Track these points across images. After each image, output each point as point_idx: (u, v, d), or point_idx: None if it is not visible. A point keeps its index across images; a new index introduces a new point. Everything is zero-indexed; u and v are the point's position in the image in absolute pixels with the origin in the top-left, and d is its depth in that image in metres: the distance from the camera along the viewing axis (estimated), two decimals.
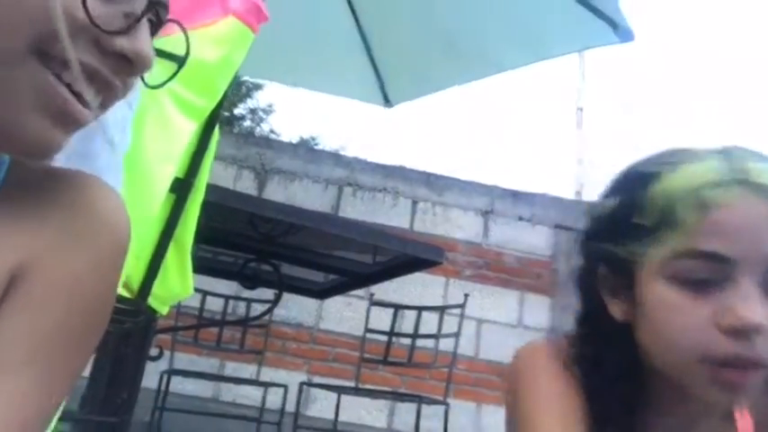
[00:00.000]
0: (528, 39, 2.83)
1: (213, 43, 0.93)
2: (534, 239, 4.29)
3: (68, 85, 0.44)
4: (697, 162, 0.64)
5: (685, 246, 0.62)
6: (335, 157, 4.61)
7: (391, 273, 2.09)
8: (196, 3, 0.89)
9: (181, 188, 1.05)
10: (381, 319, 3.12)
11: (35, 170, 0.52)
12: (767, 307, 0.60)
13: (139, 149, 0.82)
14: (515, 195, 4.38)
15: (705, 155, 0.65)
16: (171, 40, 0.54)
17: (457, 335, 2.73)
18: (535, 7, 2.65)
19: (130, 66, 0.46)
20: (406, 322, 2.98)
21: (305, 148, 5.24)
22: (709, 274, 0.61)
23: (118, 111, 0.72)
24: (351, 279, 2.27)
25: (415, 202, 4.25)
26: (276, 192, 4.11)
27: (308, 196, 4.14)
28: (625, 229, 0.67)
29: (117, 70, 0.46)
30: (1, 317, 0.46)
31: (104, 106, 0.48)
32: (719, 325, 0.60)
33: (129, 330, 1.24)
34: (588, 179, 4.88)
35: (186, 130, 0.95)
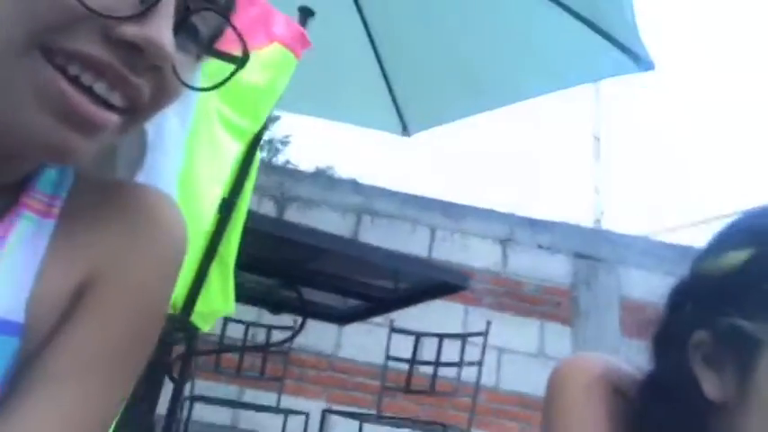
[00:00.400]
0: (546, 68, 2.86)
1: (259, 68, 0.96)
2: (553, 268, 4.26)
3: (76, 82, 0.40)
4: None
5: None
6: (353, 185, 4.65)
7: (413, 298, 2.09)
8: (242, 29, 0.92)
9: (225, 207, 1.07)
10: (402, 346, 3.10)
11: (99, 182, 0.52)
12: None
13: (191, 169, 0.84)
14: (534, 223, 4.37)
15: None
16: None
17: (480, 363, 2.70)
18: (553, 36, 2.68)
19: (141, 55, 0.41)
20: (427, 350, 2.95)
21: (323, 177, 5.29)
22: None
23: (173, 128, 0.74)
24: (372, 304, 2.27)
25: (432, 230, 4.26)
26: (295, 219, 4.14)
27: (327, 224, 4.16)
28: (756, 296, 0.53)
29: (129, 62, 0.41)
30: (70, 325, 0.46)
31: (135, 110, 0.44)
32: None
33: (172, 345, 1.25)
34: (607, 207, 4.86)
35: (233, 151, 0.98)
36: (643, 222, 4.95)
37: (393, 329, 2.98)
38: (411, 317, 3.45)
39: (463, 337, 2.77)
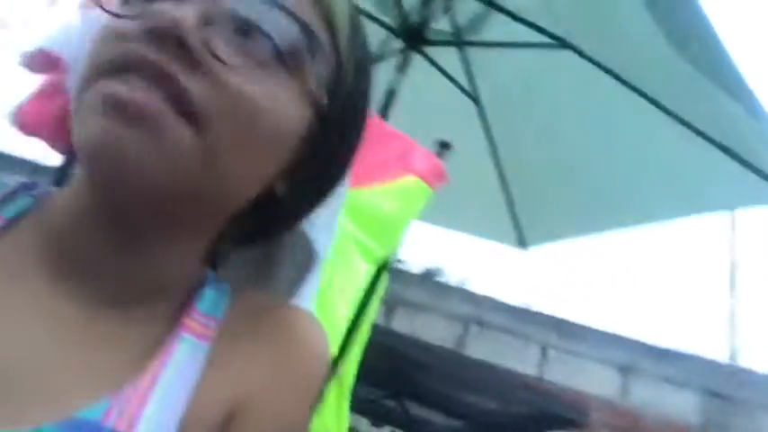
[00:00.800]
0: (678, 192, 2.73)
1: (394, 197, 1.00)
2: (680, 403, 3.85)
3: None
4: None
5: None
6: (462, 293, 4.58)
7: (522, 427, 1.95)
8: (381, 162, 0.97)
9: (350, 328, 1.08)
10: None
11: (256, 302, 0.53)
12: None
13: (328, 287, 0.87)
14: (660, 353, 4.02)
15: None
16: (358, 193, 0.58)
17: None
18: (687, 160, 2.57)
19: (160, 32, 0.40)
20: None
21: (432, 282, 5.28)
22: None
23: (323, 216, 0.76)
24: (476, 428, 2.15)
25: (544, 348, 4.05)
26: (402, 324, 4.11)
27: (433, 330, 4.09)
28: None
29: (152, 42, 0.40)
30: None
31: (194, 117, 0.40)
32: None
33: None
34: (743, 343, 4.39)
35: (362, 273, 1.00)
36: None
37: None
38: None
39: None
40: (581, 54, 2.43)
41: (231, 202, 0.47)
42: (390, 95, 1.68)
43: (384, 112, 1.62)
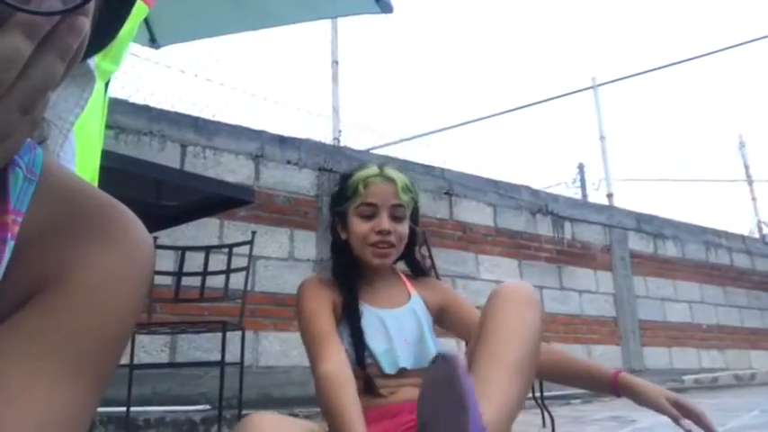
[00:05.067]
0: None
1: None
2: (301, 180, 4.68)
3: None
4: (360, 170, 1.46)
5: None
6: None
7: (201, 211, 2.21)
8: None
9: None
10: (164, 264, 3.23)
11: (61, 179, 0.52)
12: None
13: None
14: (283, 140, 4.69)
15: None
16: None
17: (247, 269, 3.00)
18: None
19: None
20: (192, 264, 3.12)
21: None
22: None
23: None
24: (154, 221, 2.34)
25: (183, 146, 4.28)
26: None
27: None
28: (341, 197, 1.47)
29: None
30: (16, 318, 0.47)
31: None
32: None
33: None
34: (344, 126, 5.40)
35: (100, 91, 1.05)
36: (373, 138, 5.65)
37: (157, 246, 3.06)
38: (165, 234, 3.53)
39: (230, 248, 3.01)
40: None
41: None
42: None
43: None
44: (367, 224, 1.42)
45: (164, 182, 1.96)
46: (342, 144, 5.26)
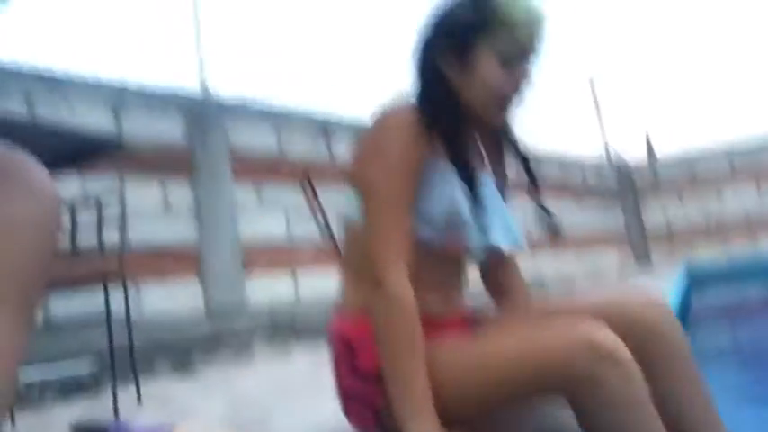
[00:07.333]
0: None
1: None
2: (168, 129, 4.57)
3: None
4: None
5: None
6: None
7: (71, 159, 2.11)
8: None
9: None
10: None
11: None
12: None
13: None
14: (145, 89, 4.52)
15: None
16: None
17: (122, 218, 2.96)
18: None
19: None
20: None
21: None
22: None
23: None
24: None
25: (30, 101, 4.01)
26: None
27: None
28: (477, 28, 1.07)
29: None
30: None
31: None
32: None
33: None
34: (210, 75, 5.26)
35: None
36: (242, 85, 5.56)
37: None
38: None
39: (98, 201, 2.95)
40: None
41: None
42: None
43: None
44: (507, 72, 1.08)
45: (11, 133, 1.90)
46: (211, 91, 5.14)
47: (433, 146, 1.08)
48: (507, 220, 1.17)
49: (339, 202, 1.29)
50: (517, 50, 1.07)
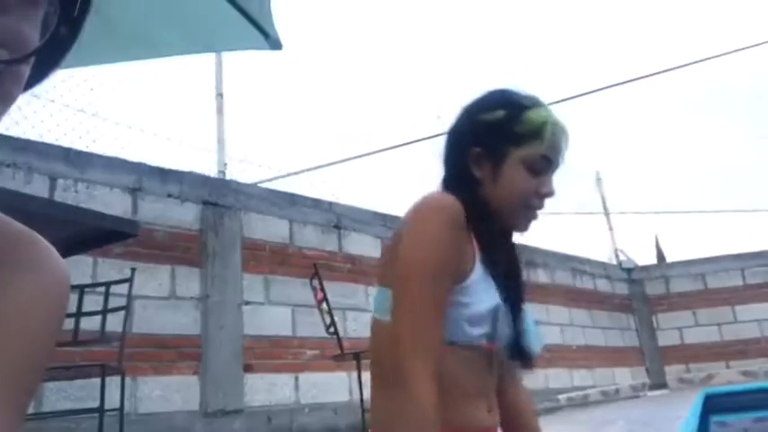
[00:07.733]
0: (185, 31, 3.03)
1: None
2: (183, 214, 4.51)
3: None
4: (541, 107, 1.15)
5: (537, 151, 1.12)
6: None
7: (82, 245, 2.06)
8: None
9: None
10: None
11: None
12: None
13: None
14: (163, 172, 4.51)
15: (538, 101, 1.17)
16: None
17: (127, 309, 2.83)
18: (195, 4, 2.86)
19: None
20: None
21: None
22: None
23: None
24: None
25: (53, 179, 3.99)
26: None
27: None
28: (508, 133, 1.14)
29: None
30: None
31: None
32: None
33: None
34: (230, 160, 5.30)
35: None
36: (261, 172, 5.58)
37: None
38: None
39: (107, 286, 2.84)
40: None
41: None
42: None
43: None
44: (533, 181, 1.11)
45: (33, 214, 1.82)
46: (228, 177, 5.15)
47: (472, 242, 1.08)
48: (531, 325, 1.17)
49: (346, 298, 1.19)
50: (545, 162, 1.13)
